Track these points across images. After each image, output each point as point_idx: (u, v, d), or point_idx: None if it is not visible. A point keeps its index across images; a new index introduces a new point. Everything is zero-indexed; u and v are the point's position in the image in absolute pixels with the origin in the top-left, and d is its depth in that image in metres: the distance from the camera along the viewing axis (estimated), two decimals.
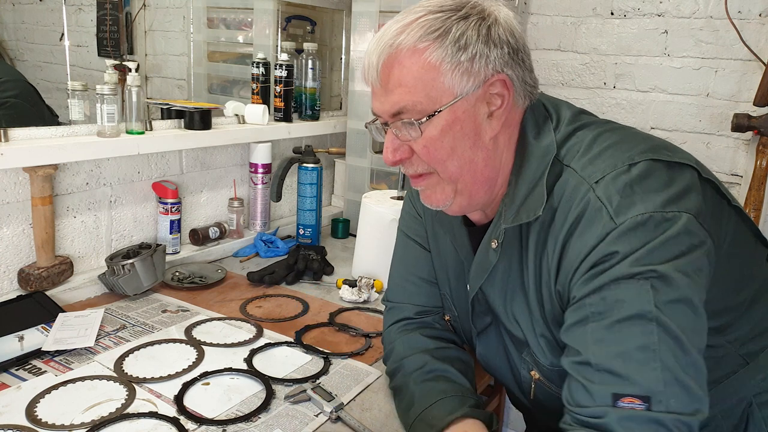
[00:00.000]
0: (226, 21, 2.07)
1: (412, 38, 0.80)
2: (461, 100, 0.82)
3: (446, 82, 0.80)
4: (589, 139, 0.85)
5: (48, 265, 1.33)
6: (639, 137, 0.87)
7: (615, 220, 0.75)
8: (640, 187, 0.77)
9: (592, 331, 0.76)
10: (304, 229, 1.87)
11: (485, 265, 0.93)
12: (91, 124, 1.40)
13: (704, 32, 1.83)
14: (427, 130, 0.83)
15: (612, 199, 0.77)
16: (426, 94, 0.81)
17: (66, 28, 1.62)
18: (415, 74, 0.81)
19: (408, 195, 1.17)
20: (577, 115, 0.91)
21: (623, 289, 0.74)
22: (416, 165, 0.88)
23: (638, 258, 0.73)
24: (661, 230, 0.74)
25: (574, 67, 2.06)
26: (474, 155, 0.85)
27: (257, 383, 1.08)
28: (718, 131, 1.86)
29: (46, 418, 0.93)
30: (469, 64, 0.80)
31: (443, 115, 0.82)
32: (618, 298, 0.74)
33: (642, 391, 0.71)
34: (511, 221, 0.86)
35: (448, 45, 0.79)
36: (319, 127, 2.04)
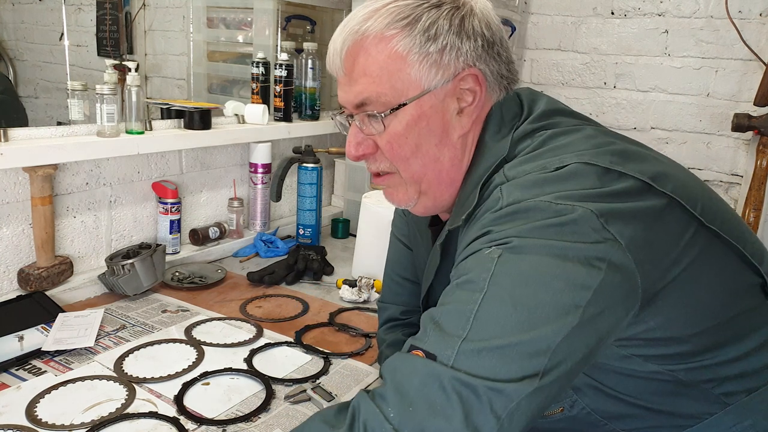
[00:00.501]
0: (226, 21, 2.07)
1: (380, 25, 0.75)
2: (429, 94, 0.77)
3: (413, 73, 0.76)
4: (541, 140, 0.77)
5: (48, 265, 1.33)
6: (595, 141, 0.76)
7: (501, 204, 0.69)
8: (550, 184, 0.68)
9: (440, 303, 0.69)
10: (304, 229, 1.87)
11: (431, 266, 0.89)
12: (91, 124, 1.40)
13: (705, 32, 1.83)
14: (392, 125, 0.78)
15: (511, 191, 0.70)
16: (391, 86, 0.76)
17: (66, 27, 1.62)
18: (380, 63, 0.76)
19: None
20: (548, 115, 0.82)
21: (474, 259, 0.67)
22: (379, 162, 0.83)
23: (503, 231, 0.66)
24: (540, 213, 0.65)
25: (575, 67, 2.06)
26: (440, 154, 0.80)
27: (257, 383, 1.08)
28: (719, 131, 1.86)
29: (46, 418, 0.93)
30: (438, 56, 0.75)
31: (408, 109, 0.77)
32: (465, 265, 0.68)
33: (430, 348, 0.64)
34: (451, 223, 0.81)
35: (416, 34, 0.74)
36: (319, 127, 2.04)
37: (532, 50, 2.14)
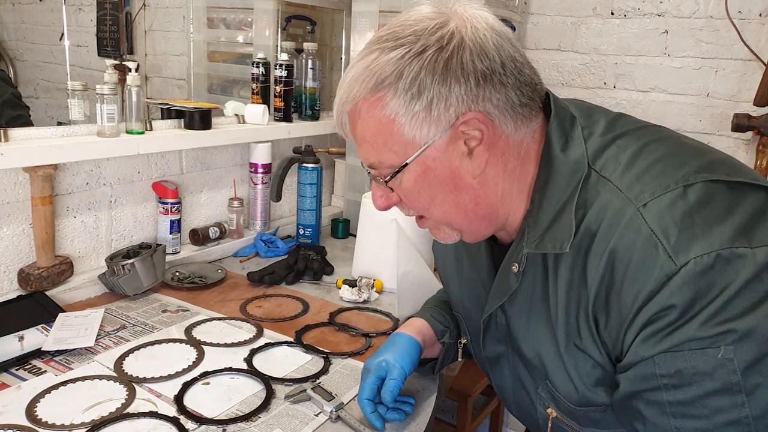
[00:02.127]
0: (226, 21, 2.07)
1: (365, 90, 0.73)
2: (429, 149, 0.74)
3: (406, 133, 0.73)
4: (633, 150, 0.73)
5: (48, 265, 1.33)
6: (692, 149, 0.74)
7: (675, 261, 0.63)
8: (701, 216, 0.64)
9: (669, 404, 0.66)
10: (304, 229, 1.87)
11: (505, 288, 0.84)
12: (91, 124, 1.40)
13: (704, 32, 1.84)
14: (402, 183, 0.77)
15: (668, 233, 0.64)
16: (389, 149, 0.75)
17: (66, 27, 1.62)
18: (373, 129, 0.75)
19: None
20: (614, 122, 0.79)
21: (699, 360, 0.63)
22: (407, 209, 0.83)
23: (712, 315, 0.62)
24: (733, 272, 0.62)
25: (574, 67, 2.06)
26: (458, 198, 0.77)
27: (257, 383, 1.08)
28: (718, 131, 1.86)
29: (46, 418, 0.93)
30: (425, 113, 0.72)
31: (412, 167, 0.75)
32: (696, 370, 0.63)
33: None
34: (534, 247, 0.76)
35: (400, 94, 0.71)
36: (319, 127, 2.04)
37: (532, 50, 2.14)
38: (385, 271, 1.55)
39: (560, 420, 0.84)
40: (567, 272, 0.75)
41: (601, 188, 0.72)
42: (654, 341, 0.66)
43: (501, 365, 0.93)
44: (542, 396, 0.85)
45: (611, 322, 0.71)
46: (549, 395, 0.84)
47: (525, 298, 0.83)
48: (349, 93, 0.75)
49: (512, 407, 0.97)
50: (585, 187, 0.73)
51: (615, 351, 0.73)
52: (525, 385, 0.89)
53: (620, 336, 0.71)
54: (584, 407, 0.79)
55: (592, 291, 0.72)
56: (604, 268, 0.70)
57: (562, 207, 0.74)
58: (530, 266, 0.80)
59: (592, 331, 0.74)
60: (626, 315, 0.68)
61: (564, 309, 0.77)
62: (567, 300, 0.76)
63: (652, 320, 0.66)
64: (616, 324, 0.70)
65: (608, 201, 0.71)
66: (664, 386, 0.66)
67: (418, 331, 1.06)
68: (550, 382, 0.82)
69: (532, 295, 0.81)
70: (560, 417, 0.84)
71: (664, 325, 0.65)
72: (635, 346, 0.68)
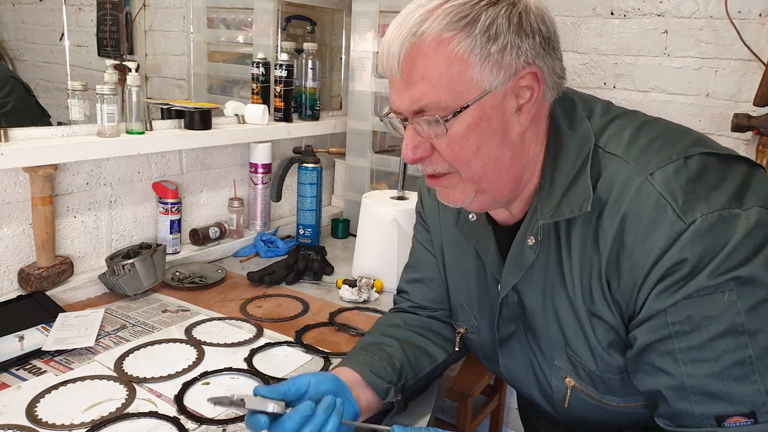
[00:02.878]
0: (226, 21, 2.07)
1: (438, 26, 0.73)
2: (489, 95, 0.75)
3: (474, 75, 0.74)
4: (633, 128, 0.80)
5: (48, 265, 1.33)
6: (681, 128, 0.83)
7: (684, 220, 0.70)
8: (701, 182, 0.72)
9: (680, 351, 0.72)
10: (304, 229, 1.87)
11: (521, 263, 0.87)
12: (91, 124, 1.40)
13: (704, 32, 1.84)
14: (453, 128, 0.76)
15: (676, 196, 0.72)
16: (452, 89, 0.74)
17: (66, 27, 1.62)
18: (440, 67, 0.73)
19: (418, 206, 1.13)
20: (608, 106, 0.86)
21: (708, 305, 0.70)
22: (436, 164, 0.81)
23: (717, 266, 0.69)
24: (733, 229, 0.70)
25: (574, 67, 2.06)
26: (501, 153, 0.79)
27: (257, 383, 1.08)
28: (718, 131, 1.86)
29: (46, 418, 0.93)
30: (499, 56, 0.73)
31: (470, 111, 0.75)
32: (704, 315, 0.70)
33: (745, 408, 0.69)
34: (551, 216, 0.80)
35: (477, 35, 0.72)
36: (319, 127, 2.04)
37: None
38: (385, 271, 1.55)
39: (579, 389, 0.87)
40: (579, 241, 0.80)
41: (607, 162, 0.78)
42: (668, 294, 0.72)
43: (512, 344, 0.96)
44: (560, 367, 0.88)
45: (624, 283, 0.76)
46: (569, 364, 0.87)
47: (540, 271, 0.86)
48: (419, 27, 0.73)
49: (521, 385, 0.99)
50: (593, 161, 0.79)
51: (628, 311, 0.78)
52: (539, 360, 0.91)
53: (633, 295, 0.76)
54: (602, 373, 0.83)
55: (605, 255, 0.77)
56: (615, 233, 0.75)
57: (575, 176, 0.79)
58: (544, 239, 0.84)
59: (605, 295, 0.79)
60: (639, 273, 0.74)
61: (579, 276, 0.81)
62: (581, 268, 0.81)
63: (666, 275, 0.72)
64: (629, 284, 0.76)
65: (617, 171, 0.77)
66: (675, 333, 0.72)
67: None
68: (570, 350, 0.86)
69: (547, 267, 0.85)
70: (579, 385, 0.87)
71: (677, 279, 0.71)
72: (650, 301, 0.74)
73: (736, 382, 0.70)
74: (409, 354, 1.00)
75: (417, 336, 1.05)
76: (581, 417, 0.91)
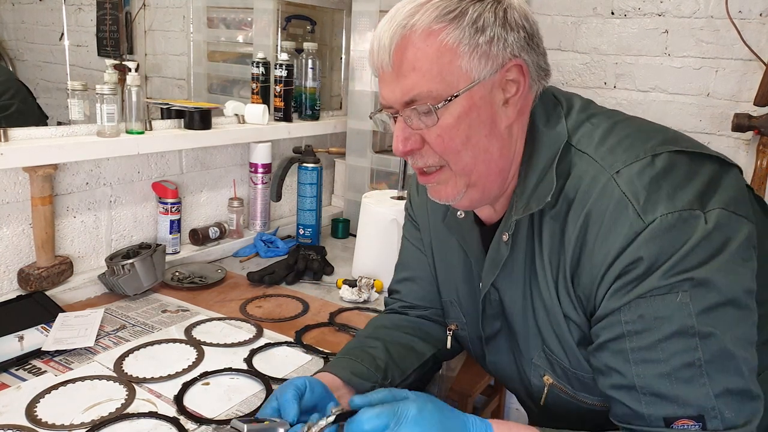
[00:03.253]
0: (226, 21, 2.07)
1: (427, 19, 0.75)
2: (478, 85, 0.77)
3: (463, 65, 0.76)
4: (606, 127, 0.81)
5: (48, 265, 1.33)
6: (655, 127, 0.84)
7: (643, 219, 0.71)
8: (666, 181, 0.73)
9: (632, 351, 0.73)
10: (304, 229, 1.87)
11: (497, 260, 0.89)
12: (91, 124, 1.40)
13: (705, 32, 1.83)
14: (443, 118, 0.78)
15: (638, 195, 0.73)
16: (442, 79, 0.76)
17: (66, 27, 1.62)
18: (430, 57, 0.76)
19: (407, 204, 1.14)
20: (588, 104, 0.88)
21: (660, 305, 0.71)
22: (427, 157, 0.82)
23: (672, 266, 0.70)
24: (691, 230, 0.70)
25: (575, 67, 2.06)
26: (489, 145, 0.80)
27: (257, 383, 1.08)
28: (719, 131, 1.86)
29: (46, 418, 0.93)
30: (487, 47, 0.76)
31: (460, 101, 0.77)
32: (656, 315, 0.71)
33: (694, 411, 0.70)
34: (522, 211, 0.82)
35: (465, 26, 0.75)
36: (319, 127, 2.04)
37: None
38: (385, 271, 1.55)
39: (556, 386, 0.89)
40: (549, 238, 0.82)
41: (577, 160, 0.80)
42: (622, 293, 0.73)
43: (497, 341, 0.98)
44: (538, 365, 0.90)
45: (584, 280, 0.78)
46: (546, 361, 0.88)
47: (518, 269, 0.87)
48: (409, 20, 0.76)
49: (507, 382, 1.01)
50: (564, 158, 0.81)
51: (588, 308, 0.80)
52: (519, 357, 0.93)
53: (593, 293, 0.77)
54: (576, 370, 0.84)
55: (569, 252, 0.79)
56: (579, 230, 0.77)
57: (545, 172, 0.81)
58: (518, 236, 0.86)
59: (569, 293, 0.81)
60: (598, 272, 0.76)
61: (549, 273, 0.83)
62: (550, 264, 0.83)
63: (622, 274, 0.73)
64: (589, 281, 0.77)
65: (584, 171, 0.78)
66: (628, 333, 0.73)
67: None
68: (546, 347, 0.87)
69: (523, 264, 0.87)
70: (556, 383, 0.88)
71: (632, 278, 0.72)
72: (606, 300, 0.75)
73: (685, 384, 0.70)
74: (394, 353, 1.00)
75: (403, 335, 1.05)
76: (559, 415, 0.92)
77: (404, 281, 1.12)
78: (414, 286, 1.11)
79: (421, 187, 1.07)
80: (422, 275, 1.09)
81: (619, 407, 0.76)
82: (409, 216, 1.13)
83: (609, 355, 0.76)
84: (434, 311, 1.10)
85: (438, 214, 1.02)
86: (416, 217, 1.10)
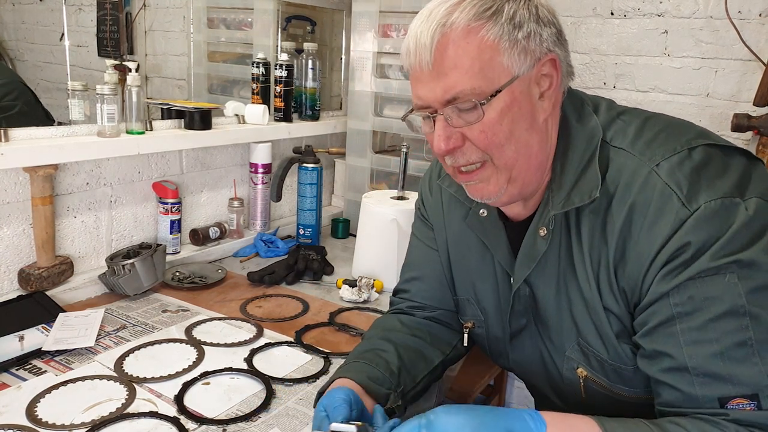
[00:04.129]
0: (226, 21, 2.07)
1: (466, 17, 0.76)
2: (518, 80, 0.78)
3: (504, 61, 0.77)
4: (638, 123, 0.84)
5: (48, 265, 1.33)
6: (683, 122, 0.86)
7: (688, 207, 0.73)
8: (705, 172, 0.76)
9: (682, 332, 0.74)
10: (304, 229, 1.87)
11: (533, 254, 0.89)
12: (91, 124, 1.40)
13: (704, 32, 1.83)
14: (487, 113, 0.78)
15: (681, 185, 0.75)
16: (484, 75, 0.77)
17: (66, 28, 1.62)
18: (472, 54, 0.76)
19: (418, 203, 1.13)
20: (613, 103, 0.90)
21: (709, 286, 0.72)
22: (469, 154, 0.82)
23: (719, 249, 0.72)
24: (734, 216, 0.72)
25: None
26: (530, 138, 0.81)
27: (257, 383, 1.08)
28: (718, 131, 1.86)
29: (47, 418, 0.93)
30: (525, 43, 0.77)
31: (502, 96, 0.77)
32: (706, 295, 0.72)
33: (748, 390, 0.70)
34: (561, 206, 0.83)
35: (503, 23, 0.76)
36: (319, 127, 2.04)
37: None
38: (385, 271, 1.55)
39: (590, 379, 0.89)
40: (588, 232, 0.83)
41: (614, 156, 0.82)
42: (671, 277, 0.74)
43: (522, 338, 0.98)
44: (572, 358, 0.90)
45: (629, 271, 0.79)
46: (581, 354, 0.88)
47: (552, 263, 0.88)
48: (448, 18, 0.76)
49: (531, 378, 1.01)
50: (600, 154, 0.82)
51: (633, 299, 0.80)
52: (550, 352, 0.93)
53: (639, 282, 0.78)
54: (614, 362, 0.85)
55: (612, 245, 0.80)
56: (623, 222, 0.78)
57: (584, 167, 0.83)
58: (555, 231, 0.86)
59: (611, 285, 0.82)
60: (645, 260, 0.77)
61: (589, 266, 0.83)
62: (590, 258, 0.83)
63: (671, 259, 0.74)
64: (635, 271, 0.78)
65: (623, 164, 0.80)
66: (678, 315, 0.74)
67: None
68: (582, 339, 0.87)
69: (558, 259, 0.87)
70: (591, 375, 0.88)
71: (680, 263, 0.74)
72: (654, 285, 0.76)
73: (738, 364, 0.71)
74: (405, 359, 0.99)
75: (413, 338, 1.04)
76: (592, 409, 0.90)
77: (413, 280, 1.11)
78: (423, 286, 1.10)
79: (435, 187, 1.08)
80: (432, 275, 1.09)
81: (669, 392, 0.76)
82: (421, 215, 1.12)
83: (659, 339, 0.76)
84: (442, 312, 1.09)
85: (456, 213, 1.02)
86: (429, 217, 1.09)
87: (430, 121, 0.82)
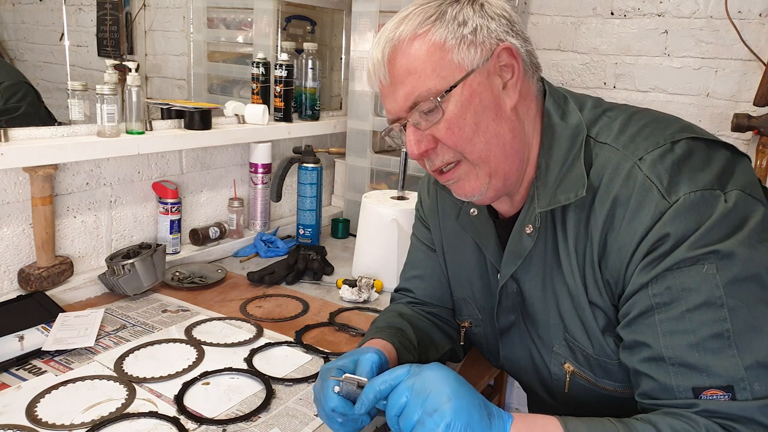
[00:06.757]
0: (226, 21, 2.07)
1: (411, 26, 0.80)
2: (474, 74, 0.80)
3: (455, 58, 0.79)
4: (623, 119, 0.85)
5: (48, 265, 1.33)
6: (669, 117, 0.87)
7: (667, 199, 0.74)
8: (686, 165, 0.77)
9: (660, 322, 0.74)
10: (304, 229, 1.87)
11: (519, 251, 0.90)
12: (91, 124, 1.40)
13: (704, 32, 1.84)
14: (448, 110, 0.80)
15: (661, 177, 0.76)
16: (437, 75, 0.79)
17: (66, 28, 1.62)
18: (422, 58, 0.79)
19: (417, 205, 1.15)
20: (599, 101, 0.91)
21: (687, 276, 0.73)
22: (443, 154, 0.84)
23: (697, 239, 0.72)
24: (713, 207, 0.73)
25: (574, 67, 2.06)
26: (499, 127, 0.83)
27: (257, 383, 1.08)
28: (718, 131, 1.86)
29: (46, 418, 0.93)
30: (472, 36, 0.80)
31: (459, 90, 0.80)
32: (684, 286, 0.73)
33: (723, 382, 0.70)
34: (547, 204, 0.84)
35: (447, 23, 0.79)
36: (319, 127, 2.04)
37: None
38: (385, 271, 1.55)
39: (577, 374, 0.90)
40: (574, 228, 0.84)
41: (598, 151, 0.83)
42: (650, 268, 0.75)
43: (511, 335, 0.99)
44: (559, 353, 0.91)
45: (612, 263, 0.80)
46: (567, 349, 0.90)
47: (538, 259, 0.88)
48: (395, 32, 0.81)
49: (521, 374, 1.02)
50: (585, 150, 0.83)
51: (617, 291, 0.81)
52: (538, 348, 0.94)
53: (621, 274, 0.79)
54: (599, 356, 0.86)
55: (595, 239, 0.81)
56: (606, 216, 0.79)
57: (569, 165, 0.84)
58: (541, 228, 0.87)
59: (596, 279, 0.83)
60: (626, 252, 0.78)
61: (575, 262, 0.84)
62: (576, 253, 0.84)
63: (650, 251, 0.75)
64: (617, 264, 0.79)
65: (607, 159, 0.81)
66: (656, 305, 0.75)
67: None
68: (568, 335, 0.88)
69: (545, 255, 0.88)
70: (577, 370, 0.89)
71: (659, 254, 0.74)
72: (635, 276, 0.77)
73: (714, 355, 0.71)
74: (419, 339, 1.02)
75: (424, 321, 1.07)
76: (580, 404, 0.92)
77: (414, 279, 1.14)
78: (424, 284, 1.12)
79: (432, 190, 1.10)
80: (432, 274, 1.11)
81: (647, 382, 0.76)
82: (419, 217, 1.15)
83: (638, 329, 0.77)
84: (442, 310, 1.11)
85: (450, 213, 1.04)
86: (427, 218, 1.12)
87: (404, 130, 0.85)
